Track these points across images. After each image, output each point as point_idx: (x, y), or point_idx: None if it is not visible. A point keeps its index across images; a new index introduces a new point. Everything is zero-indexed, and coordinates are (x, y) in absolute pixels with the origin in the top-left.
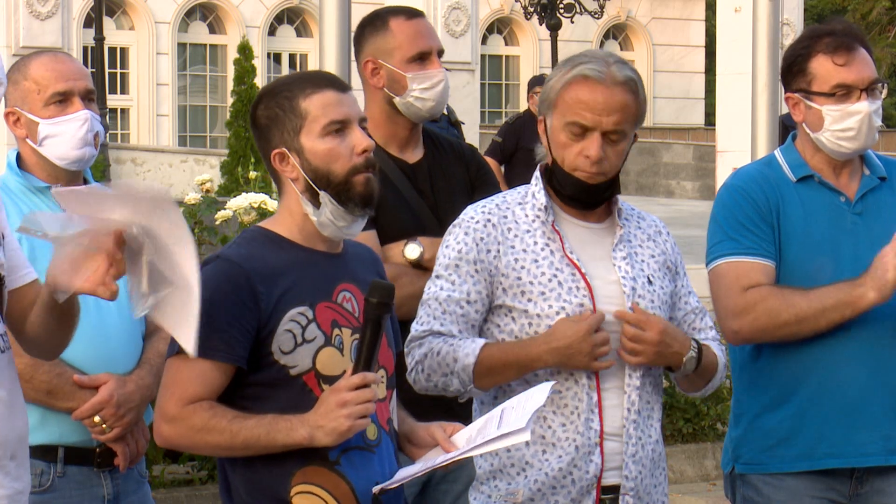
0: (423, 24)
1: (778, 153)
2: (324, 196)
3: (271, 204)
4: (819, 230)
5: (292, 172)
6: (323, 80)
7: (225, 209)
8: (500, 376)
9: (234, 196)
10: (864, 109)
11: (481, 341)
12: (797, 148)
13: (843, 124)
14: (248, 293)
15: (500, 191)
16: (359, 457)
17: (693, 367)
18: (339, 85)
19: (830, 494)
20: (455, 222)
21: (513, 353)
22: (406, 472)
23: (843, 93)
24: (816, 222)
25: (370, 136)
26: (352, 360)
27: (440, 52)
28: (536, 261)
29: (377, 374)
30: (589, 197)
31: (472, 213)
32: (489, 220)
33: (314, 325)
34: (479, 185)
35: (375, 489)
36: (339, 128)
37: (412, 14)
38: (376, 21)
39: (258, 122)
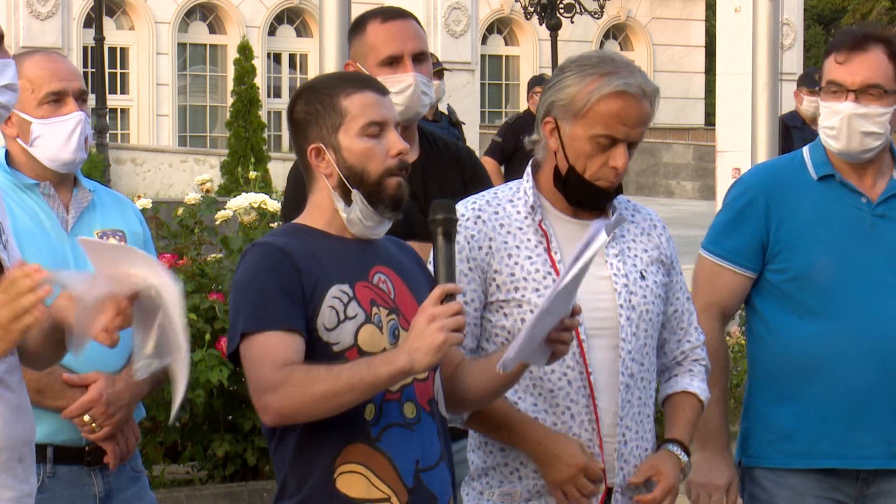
0: (399, 26)
1: (806, 149)
2: (355, 194)
3: (271, 204)
4: (832, 230)
5: (327, 168)
6: (364, 82)
7: (225, 209)
8: (489, 430)
9: (234, 196)
10: (844, 110)
11: None
12: (823, 146)
13: (828, 122)
14: (292, 268)
15: None
16: (398, 434)
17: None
18: (378, 88)
19: (835, 495)
20: None
21: (511, 424)
22: (516, 342)
23: (834, 90)
24: (831, 222)
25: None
26: (389, 340)
27: (419, 55)
28: (530, 257)
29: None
30: (600, 202)
31: (463, 211)
32: (479, 217)
33: (355, 302)
34: (472, 189)
35: (498, 366)
36: (376, 129)
37: (389, 16)
38: (358, 24)
39: (296, 118)
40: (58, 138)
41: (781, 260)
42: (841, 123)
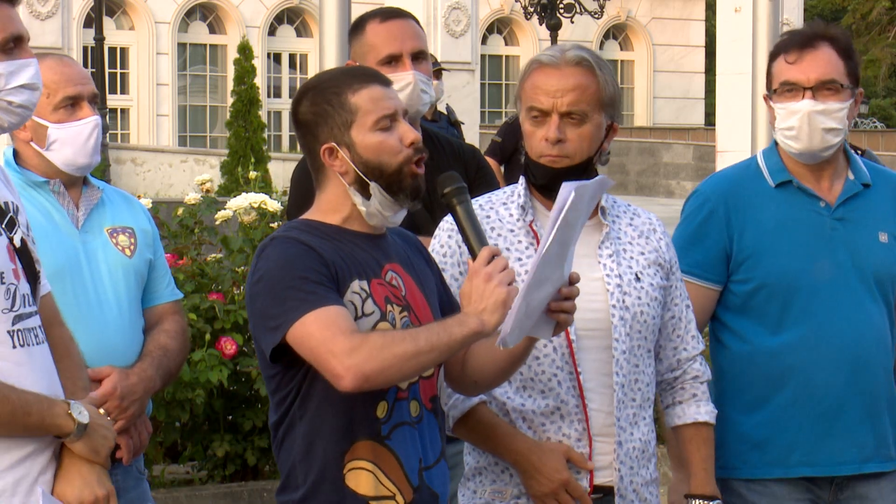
0: (398, 25)
1: (759, 156)
2: (374, 187)
3: (271, 204)
4: (795, 237)
5: (342, 167)
6: (367, 76)
7: (225, 209)
8: (475, 439)
9: (234, 196)
10: (803, 108)
11: (476, 399)
12: (778, 151)
13: (786, 122)
14: (317, 255)
15: None
16: (406, 432)
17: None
18: (382, 79)
19: (811, 496)
20: (440, 225)
21: (496, 434)
22: (510, 318)
23: (788, 89)
24: (793, 229)
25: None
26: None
27: (418, 54)
28: (520, 259)
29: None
30: (559, 184)
31: None
32: None
33: (371, 300)
34: (477, 186)
35: (497, 342)
36: (388, 122)
37: (388, 16)
38: (357, 25)
39: (302, 118)
40: (75, 143)
41: (745, 270)
42: (801, 122)
